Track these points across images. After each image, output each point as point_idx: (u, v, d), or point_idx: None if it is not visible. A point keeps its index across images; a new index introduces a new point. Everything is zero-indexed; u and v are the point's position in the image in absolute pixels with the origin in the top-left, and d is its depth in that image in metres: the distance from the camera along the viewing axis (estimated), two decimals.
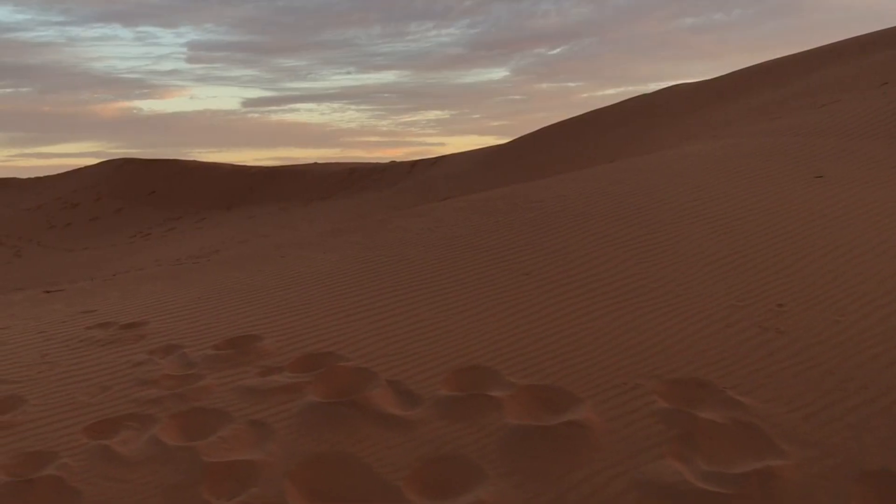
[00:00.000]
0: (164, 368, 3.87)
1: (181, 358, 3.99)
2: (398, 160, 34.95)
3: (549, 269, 4.56)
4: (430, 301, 4.32)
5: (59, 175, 49.65)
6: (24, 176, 48.33)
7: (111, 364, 3.99)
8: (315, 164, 39.65)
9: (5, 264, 34.76)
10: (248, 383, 3.65)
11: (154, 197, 39.94)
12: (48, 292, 7.19)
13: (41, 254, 35.97)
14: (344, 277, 4.96)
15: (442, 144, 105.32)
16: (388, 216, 7.84)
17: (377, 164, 35.76)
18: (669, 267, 4.38)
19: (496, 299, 4.22)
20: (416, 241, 5.63)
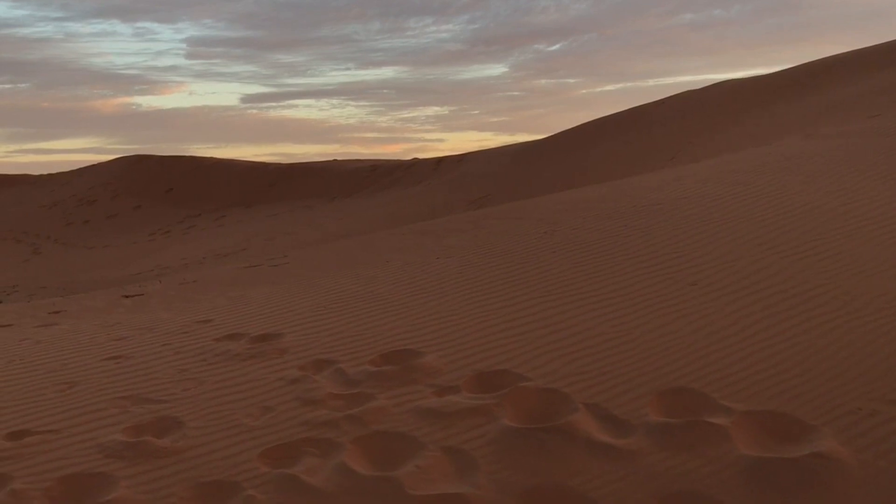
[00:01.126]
0: (325, 386, 3.58)
1: (339, 375, 3.70)
2: (421, 157, 34.62)
3: (716, 278, 4.26)
4: (594, 313, 4.02)
5: (72, 171, 49.40)
6: (24, 172, 48.19)
7: (263, 381, 3.70)
8: (335, 160, 39.32)
9: (23, 262, 34.56)
10: (425, 404, 3.35)
11: (171, 194, 39.64)
12: (128, 297, 6.91)
13: (60, 251, 35.75)
14: (481, 285, 4.66)
15: (441, 140, 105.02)
16: (474, 216, 7.54)
17: (400, 161, 35.39)
18: (855, 277, 4.08)
19: (672, 312, 3.92)
20: (542, 245, 5.33)
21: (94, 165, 48.65)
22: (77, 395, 3.75)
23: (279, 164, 39.82)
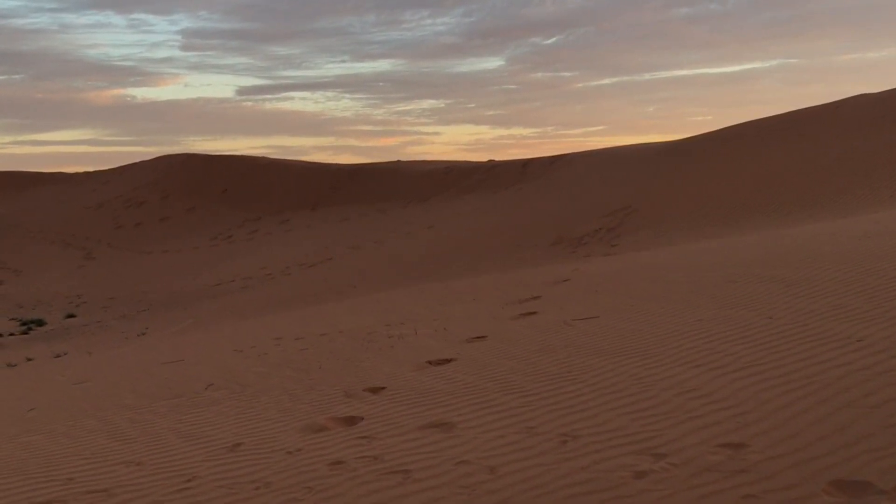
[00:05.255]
0: None
1: None
2: (497, 160, 32.91)
3: None
4: None
5: (112, 170, 48.05)
6: (21, 164, 47.18)
7: None
8: (399, 161, 37.67)
9: (78, 268, 32.97)
10: None
11: (226, 195, 38.01)
12: (431, 364, 5.30)
13: (116, 257, 34.19)
14: None
15: (437, 133, 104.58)
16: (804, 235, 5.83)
17: (477, 163, 33.65)
18: None
19: None
20: None
21: (135, 164, 47.20)
22: None
23: (340, 164, 38.23)
